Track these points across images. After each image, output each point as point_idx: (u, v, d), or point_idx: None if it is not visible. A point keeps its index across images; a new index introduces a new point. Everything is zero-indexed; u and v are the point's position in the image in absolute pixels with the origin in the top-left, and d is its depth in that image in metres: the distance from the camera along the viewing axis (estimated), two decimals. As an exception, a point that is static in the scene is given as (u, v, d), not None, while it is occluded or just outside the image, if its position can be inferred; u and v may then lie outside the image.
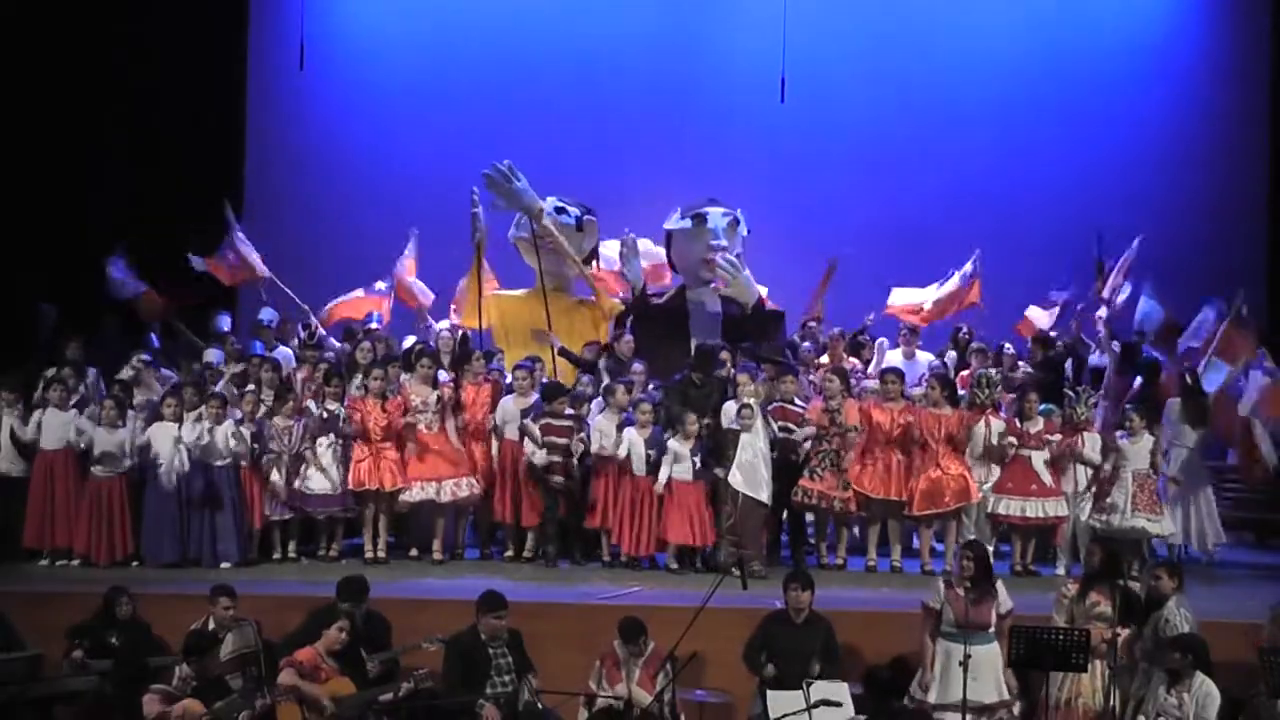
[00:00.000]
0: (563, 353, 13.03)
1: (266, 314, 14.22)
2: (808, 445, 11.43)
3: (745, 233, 13.82)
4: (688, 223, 13.56)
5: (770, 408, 11.42)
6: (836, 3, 16.83)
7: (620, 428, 11.37)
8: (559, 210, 13.67)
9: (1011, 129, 16.66)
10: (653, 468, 11.23)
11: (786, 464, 11.39)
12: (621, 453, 11.29)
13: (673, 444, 11.18)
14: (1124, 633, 8.74)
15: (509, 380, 11.98)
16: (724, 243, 13.47)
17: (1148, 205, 15.73)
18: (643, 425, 11.33)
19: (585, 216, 13.76)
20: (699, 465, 11.17)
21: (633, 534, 11.30)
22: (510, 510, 11.69)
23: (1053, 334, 13.78)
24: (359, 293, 14.47)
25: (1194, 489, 11.93)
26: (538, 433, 11.45)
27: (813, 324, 14.12)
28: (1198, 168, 16.54)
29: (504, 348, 13.21)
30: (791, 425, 11.42)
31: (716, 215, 13.57)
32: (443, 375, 12.05)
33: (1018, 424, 11.49)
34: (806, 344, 13.52)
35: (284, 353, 13.27)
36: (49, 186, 15.27)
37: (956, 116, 16.62)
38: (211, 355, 13.18)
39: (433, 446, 11.56)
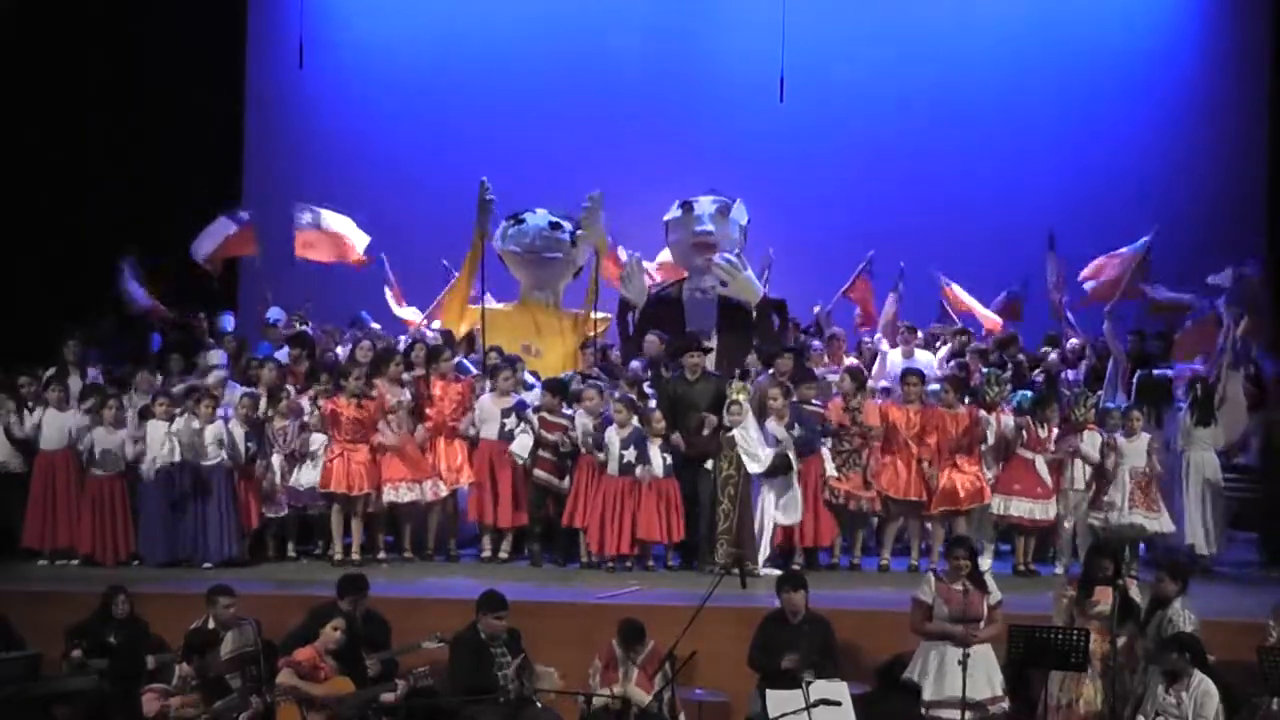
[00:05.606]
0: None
1: (274, 313, 14.09)
2: (829, 443, 11.47)
3: (744, 221, 13.76)
4: (678, 211, 13.70)
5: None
6: (836, 2, 16.81)
7: (601, 427, 11.31)
8: (553, 225, 13.48)
9: (1011, 128, 16.62)
10: (628, 467, 11.20)
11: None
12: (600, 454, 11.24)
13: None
14: (1123, 633, 8.75)
15: (488, 383, 11.82)
16: (710, 228, 13.46)
17: (1148, 204, 15.69)
18: (621, 425, 11.29)
19: (578, 231, 13.52)
20: (668, 462, 11.20)
21: (603, 533, 11.25)
22: (490, 511, 11.61)
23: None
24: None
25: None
26: (535, 422, 11.45)
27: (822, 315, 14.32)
28: (1199, 167, 16.49)
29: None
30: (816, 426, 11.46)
31: (705, 203, 13.59)
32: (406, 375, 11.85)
33: (1031, 423, 11.46)
34: (815, 343, 13.51)
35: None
36: (49, 187, 15.25)
37: (956, 116, 16.59)
38: (215, 356, 12.91)
39: (400, 448, 11.47)
